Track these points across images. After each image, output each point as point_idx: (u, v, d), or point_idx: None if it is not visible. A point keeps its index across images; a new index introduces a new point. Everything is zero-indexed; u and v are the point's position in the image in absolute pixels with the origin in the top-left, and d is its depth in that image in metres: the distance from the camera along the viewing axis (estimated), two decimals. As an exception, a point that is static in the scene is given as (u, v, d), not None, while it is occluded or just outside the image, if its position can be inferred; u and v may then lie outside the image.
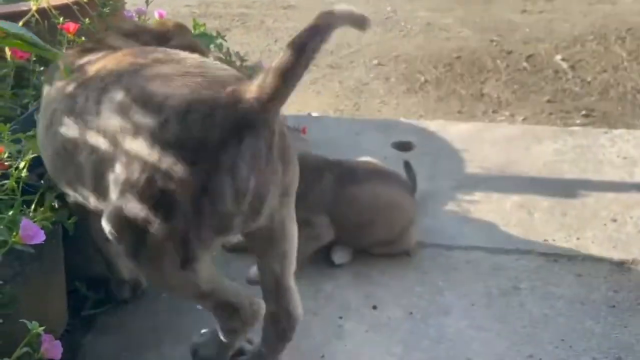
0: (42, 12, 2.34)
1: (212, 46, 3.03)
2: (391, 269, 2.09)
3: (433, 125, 3.15)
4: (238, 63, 2.96)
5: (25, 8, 2.32)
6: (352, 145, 2.94)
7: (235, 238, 2.16)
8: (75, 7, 2.43)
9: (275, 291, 1.58)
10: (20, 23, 2.25)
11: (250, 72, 2.89)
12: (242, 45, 5.18)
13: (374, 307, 1.91)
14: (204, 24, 3.12)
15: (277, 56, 1.33)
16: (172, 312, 1.90)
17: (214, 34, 3.07)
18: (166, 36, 1.80)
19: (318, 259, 2.11)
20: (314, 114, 3.68)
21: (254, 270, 2.10)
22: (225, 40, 3.05)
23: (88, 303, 1.91)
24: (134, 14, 2.52)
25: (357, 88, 4.24)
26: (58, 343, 1.41)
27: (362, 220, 2.08)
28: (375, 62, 4.70)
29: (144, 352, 1.74)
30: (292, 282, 1.61)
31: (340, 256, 2.11)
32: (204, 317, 1.84)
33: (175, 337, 1.78)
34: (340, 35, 5.37)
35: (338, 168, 2.12)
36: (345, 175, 2.11)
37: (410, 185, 2.28)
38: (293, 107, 3.94)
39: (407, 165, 2.44)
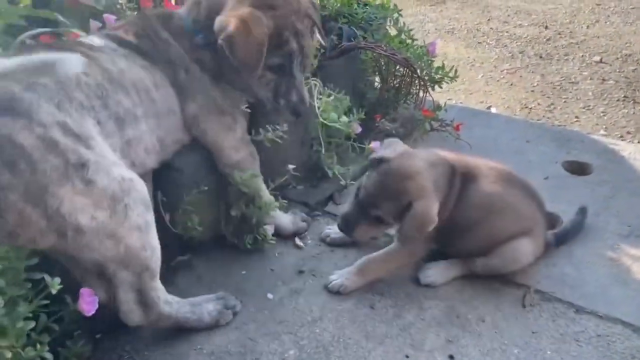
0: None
1: (388, 20, 2.81)
2: (493, 315, 1.72)
3: (628, 148, 2.52)
4: (408, 41, 2.69)
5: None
6: (516, 154, 2.50)
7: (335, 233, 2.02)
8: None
9: None
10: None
11: (418, 52, 2.62)
12: (450, 20, 4.83)
13: (451, 357, 1.60)
14: (383, -6, 2.92)
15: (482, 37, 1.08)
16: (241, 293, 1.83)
17: (396, 6, 2.84)
18: None
19: (414, 278, 1.85)
20: (493, 110, 3.24)
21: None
22: (401, 15, 2.79)
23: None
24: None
25: (561, 86, 3.63)
26: (95, 299, 1.43)
27: (471, 219, 1.78)
28: (596, 58, 3.97)
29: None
30: None
31: (427, 275, 1.83)
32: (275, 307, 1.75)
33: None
34: (566, 22, 4.66)
35: (462, 168, 1.81)
36: (468, 175, 1.81)
37: (540, 198, 1.90)
38: (475, 96, 3.54)
39: (582, 211, 2.02)
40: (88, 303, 1.41)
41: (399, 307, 1.76)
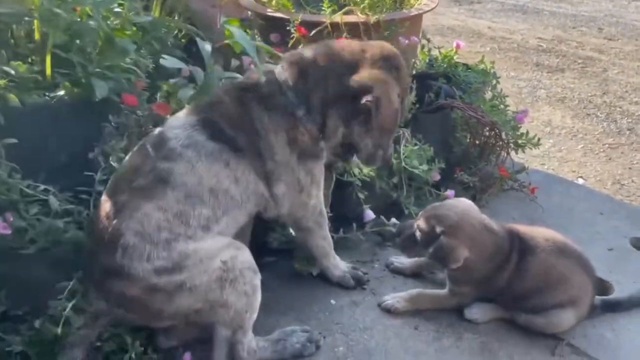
0: (335, 25, 2.84)
1: (487, 85, 3.09)
2: (521, 356, 1.94)
3: (703, 235, 2.58)
4: (501, 106, 2.96)
5: (323, 19, 2.86)
6: (586, 224, 2.66)
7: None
8: (362, 26, 2.85)
9: None
10: (314, 31, 2.81)
11: (507, 117, 2.88)
12: (563, 89, 4.95)
13: (474, 381, 1.84)
14: (492, 63, 3.21)
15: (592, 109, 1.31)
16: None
17: (494, 73, 3.12)
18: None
19: (459, 311, 2.11)
20: (581, 181, 3.36)
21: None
22: (499, 82, 3.07)
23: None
24: (406, 42, 2.79)
25: (662, 167, 3.65)
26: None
27: (527, 287, 2.01)
28: None
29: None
30: None
31: (472, 312, 2.08)
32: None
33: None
34: (685, 103, 4.60)
35: (519, 242, 2.04)
36: (526, 247, 2.03)
37: (592, 267, 2.06)
38: (569, 165, 3.67)
39: None
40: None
41: (439, 332, 2.03)
